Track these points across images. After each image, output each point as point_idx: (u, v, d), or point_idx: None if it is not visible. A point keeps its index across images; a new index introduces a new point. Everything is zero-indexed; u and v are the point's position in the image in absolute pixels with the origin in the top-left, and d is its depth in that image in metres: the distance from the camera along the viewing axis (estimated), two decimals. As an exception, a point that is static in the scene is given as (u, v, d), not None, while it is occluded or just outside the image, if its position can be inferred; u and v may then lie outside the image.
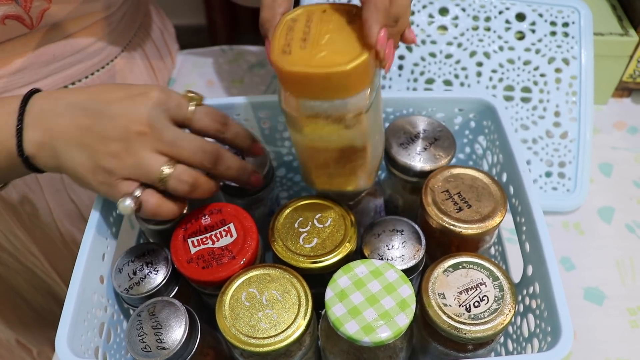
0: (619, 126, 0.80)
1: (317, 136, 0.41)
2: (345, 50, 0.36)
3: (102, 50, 0.66)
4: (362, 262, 0.43)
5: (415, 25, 0.74)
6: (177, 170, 0.43)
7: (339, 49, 0.36)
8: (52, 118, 0.43)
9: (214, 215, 0.49)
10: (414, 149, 0.53)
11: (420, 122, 0.55)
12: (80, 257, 0.45)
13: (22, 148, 0.43)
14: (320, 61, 0.36)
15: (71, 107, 0.43)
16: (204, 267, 0.46)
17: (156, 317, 0.44)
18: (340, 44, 0.37)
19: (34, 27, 0.55)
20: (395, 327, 0.39)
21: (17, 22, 0.53)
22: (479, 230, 0.46)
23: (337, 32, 0.38)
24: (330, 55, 0.36)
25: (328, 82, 0.36)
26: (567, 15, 0.73)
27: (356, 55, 0.36)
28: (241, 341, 0.41)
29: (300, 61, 0.36)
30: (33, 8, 0.54)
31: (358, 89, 0.38)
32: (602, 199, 0.71)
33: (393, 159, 0.53)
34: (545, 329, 0.41)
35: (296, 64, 0.36)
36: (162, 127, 0.43)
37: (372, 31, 0.36)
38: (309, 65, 0.36)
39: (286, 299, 0.43)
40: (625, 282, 0.63)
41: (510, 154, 0.50)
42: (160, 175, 0.43)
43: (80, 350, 0.42)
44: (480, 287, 0.43)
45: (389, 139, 0.54)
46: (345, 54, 0.36)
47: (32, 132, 0.43)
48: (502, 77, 0.73)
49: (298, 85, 0.38)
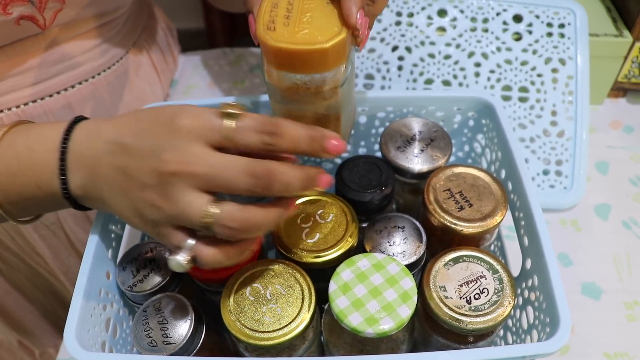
0: (614, 125, 0.81)
1: (295, 106, 0.44)
2: (325, 28, 0.40)
3: (109, 50, 0.67)
4: (364, 256, 0.44)
5: (415, 26, 0.76)
6: (224, 211, 0.37)
7: (319, 27, 0.40)
8: (93, 158, 0.40)
9: None
10: (411, 151, 0.54)
11: (415, 124, 0.56)
12: (88, 252, 0.45)
13: (67, 190, 0.41)
14: (302, 38, 0.39)
15: (109, 143, 0.39)
16: None
17: (162, 312, 0.45)
18: (320, 22, 0.40)
19: (47, 28, 0.56)
20: (397, 319, 0.40)
21: (31, 22, 0.54)
22: (480, 229, 0.47)
23: (318, 11, 0.41)
24: (311, 33, 0.39)
25: (309, 58, 0.39)
26: (563, 16, 0.74)
27: (335, 34, 0.39)
28: (246, 335, 0.42)
29: (284, 38, 0.39)
30: (47, 9, 0.54)
31: (335, 65, 0.41)
32: (598, 197, 0.72)
33: (391, 163, 0.54)
34: (544, 320, 0.42)
35: (280, 40, 0.39)
36: (197, 159, 0.37)
37: (352, 12, 0.39)
38: (291, 42, 0.39)
39: (290, 293, 0.44)
40: (622, 277, 0.64)
41: (508, 150, 0.51)
42: (204, 220, 0.37)
43: (87, 344, 0.42)
44: (480, 279, 0.44)
45: (386, 142, 0.55)
46: (325, 32, 0.39)
47: (76, 173, 0.41)
48: (499, 78, 0.74)
49: (281, 60, 0.40)
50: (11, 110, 0.60)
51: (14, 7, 0.52)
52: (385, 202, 0.53)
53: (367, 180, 0.52)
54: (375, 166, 0.53)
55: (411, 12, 0.76)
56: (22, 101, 0.60)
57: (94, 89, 0.67)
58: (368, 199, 0.51)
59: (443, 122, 0.59)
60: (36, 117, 0.62)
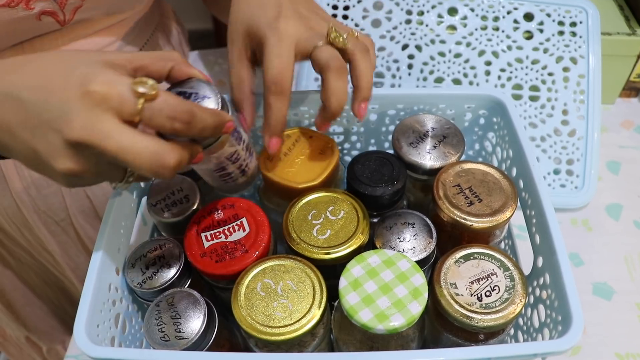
0: (626, 125, 0.81)
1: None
2: (305, 175, 0.52)
3: (123, 48, 0.67)
4: (374, 252, 0.44)
5: (425, 25, 0.75)
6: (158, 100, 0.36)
7: (302, 172, 0.52)
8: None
9: (226, 210, 0.50)
10: (424, 147, 0.54)
11: (428, 120, 0.56)
12: (98, 248, 0.45)
13: None
14: (286, 175, 0.52)
15: (2, 94, 0.37)
16: (217, 260, 0.46)
17: (175, 307, 0.45)
18: (305, 168, 0.52)
19: (66, 24, 0.56)
20: (408, 315, 0.40)
21: (52, 18, 0.55)
22: (489, 224, 0.47)
23: (308, 158, 0.53)
24: (294, 174, 0.52)
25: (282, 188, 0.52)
26: (574, 15, 0.74)
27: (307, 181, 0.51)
28: (257, 330, 0.42)
29: (273, 169, 0.52)
30: (68, 5, 0.55)
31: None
32: (610, 196, 0.72)
33: (403, 158, 0.54)
34: (556, 318, 0.42)
35: (270, 170, 0.52)
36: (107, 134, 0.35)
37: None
38: (277, 175, 0.52)
39: (301, 288, 0.44)
40: (634, 277, 0.64)
41: (519, 148, 0.51)
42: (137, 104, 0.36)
43: (97, 339, 0.42)
44: (491, 277, 0.44)
45: (398, 138, 0.55)
46: (303, 178, 0.51)
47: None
48: (510, 76, 0.74)
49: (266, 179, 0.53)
50: None
51: (37, 3, 0.52)
52: (396, 197, 0.52)
53: (379, 175, 0.52)
54: (387, 161, 0.53)
55: (421, 11, 0.76)
56: None
57: None
58: (379, 193, 0.51)
59: (454, 120, 0.59)
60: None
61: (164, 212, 0.52)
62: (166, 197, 0.53)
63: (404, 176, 0.52)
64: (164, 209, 0.52)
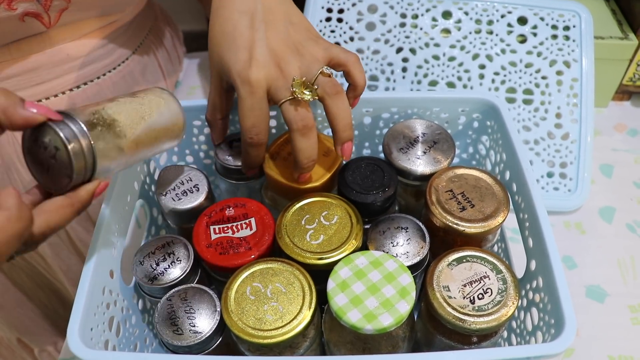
0: (619, 128, 0.81)
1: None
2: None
3: (114, 51, 0.67)
4: (362, 254, 0.44)
5: (419, 28, 0.76)
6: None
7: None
8: None
9: (238, 208, 0.51)
10: (414, 153, 0.54)
11: (418, 125, 0.56)
12: (92, 251, 0.45)
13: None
14: (284, 174, 0.52)
15: None
16: (221, 252, 0.48)
17: (189, 302, 0.46)
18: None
19: (51, 26, 0.56)
20: (396, 314, 0.40)
21: (36, 20, 0.54)
22: (481, 229, 0.47)
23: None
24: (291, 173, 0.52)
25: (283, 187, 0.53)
26: (568, 19, 0.74)
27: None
28: (249, 334, 0.42)
29: (276, 168, 0.53)
30: (52, 7, 0.54)
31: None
32: (603, 199, 0.72)
33: (394, 164, 0.54)
34: (549, 321, 0.42)
35: (272, 169, 0.53)
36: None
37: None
38: (278, 174, 0.53)
39: (290, 290, 0.44)
40: (627, 280, 0.64)
41: (513, 152, 0.51)
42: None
43: (90, 342, 0.42)
44: (484, 280, 0.44)
45: (388, 143, 0.55)
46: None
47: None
48: (504, 80, 0.74)
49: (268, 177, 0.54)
50: None
51: (19, 3, 0.52)
52: (387, 203, 0.52)
53: (370, 181, 0.52)
54: (377, 167, 0.53)
55: (416, 14, 0.76)
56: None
57: (99, 89, 0.67)
58: (370, 200, 0.51)
59: (447, 124, 0.59)
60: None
61: (174, 201, 0.53)
62: (175, 187, 0.54)
63: (395, 182, 0.52)
64: (175, 198, 0.53)
